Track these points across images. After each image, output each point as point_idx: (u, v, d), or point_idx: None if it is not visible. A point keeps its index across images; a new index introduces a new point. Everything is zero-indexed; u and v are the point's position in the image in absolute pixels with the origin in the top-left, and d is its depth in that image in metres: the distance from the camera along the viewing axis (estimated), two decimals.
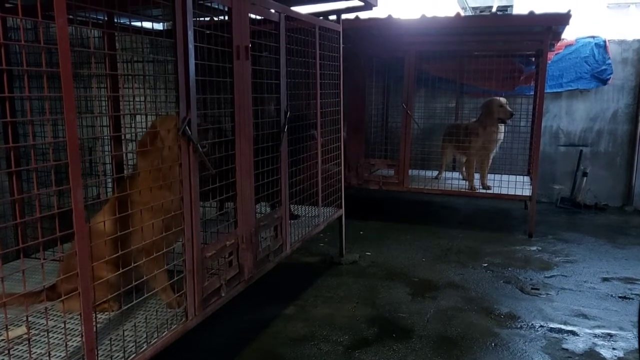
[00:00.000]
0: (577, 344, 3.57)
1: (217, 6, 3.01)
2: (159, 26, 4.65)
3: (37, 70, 1.91)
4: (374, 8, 4.75)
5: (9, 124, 3.19)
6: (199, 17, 2.77)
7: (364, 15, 5.76)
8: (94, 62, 2.39)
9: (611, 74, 7.24)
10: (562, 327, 3.82)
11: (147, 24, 4.16)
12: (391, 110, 7.98)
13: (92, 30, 3.31)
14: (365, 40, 6.41)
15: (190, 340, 3.50)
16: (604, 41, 7.25)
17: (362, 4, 4.59)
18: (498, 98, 6.29)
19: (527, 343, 3.58)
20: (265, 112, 3.67)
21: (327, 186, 4.70)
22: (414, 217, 6.97)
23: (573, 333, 3.73)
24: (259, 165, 3.44)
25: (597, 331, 3.76)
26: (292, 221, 4.20)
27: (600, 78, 7.29)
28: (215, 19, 3.07)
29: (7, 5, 3.22)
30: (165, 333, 2.55)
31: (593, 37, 7.36)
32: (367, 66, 6.73)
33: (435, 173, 7.03)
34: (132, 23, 3.87)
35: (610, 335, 3.70)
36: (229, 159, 3.10)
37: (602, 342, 3.59)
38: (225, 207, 3.94)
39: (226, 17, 3.02)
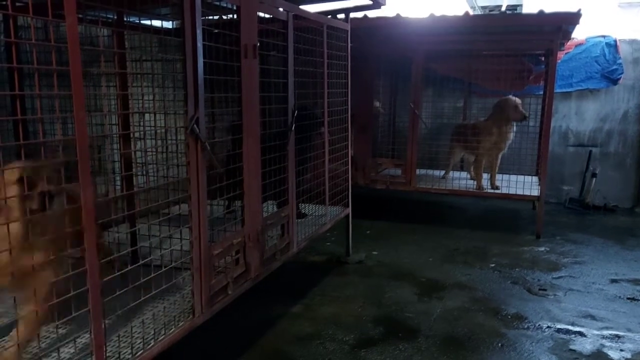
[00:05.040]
0: (585, 345, 3.55)
1: (225, 5, 3.02)
2: (168, 25, 4.67)
3: (47, 68, 1.93)
4: (382, 7, 4.75)
5: (19, 122, 3.21)
6: (208, 16, 2.78)
7: (372, 14, 5.76)
8: (103, 61, 2.41)
9: (622, 73, 7.18)
10: (570, 328, 3.80)
11: (156, 23, 4.19)
12: (399, 110, 7.97)
13: (102, 29, 3.33)
14: (373, 40, 6.40)
15: (197, 338, 3.52)
16: (615, 41, 7.19)
17: (370, 2, 4.58)
18: (513, 98, 6.25)
19: (534, 344, 3.56)
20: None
21: (333, 185, 4.71)
22: (421, 217, 6.96)
23: (580, 334, 3.71)
24: (266, 164, 3.45)
25: (605, 332, 3.74)
26: (299, 220, 4.21)
27: (611, 78, 7.23)
28: (224, 17, 3.08)
29: (17, 4, 3.25)
30: (172, 330, 2.57)
31: (604, 36, 7.29)
32: (375, 65, 6.72)
33: (442, 173, 7.01)
34: (142, 22, 3.90)
35: (618, 336, 3.68)
36: (236, 158, 3.11)
37: (609, 344, 3.57)
38: (233, 206, 3.95)
39: (235, 16, 3.03)
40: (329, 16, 4.61)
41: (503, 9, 13.78)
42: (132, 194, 3.29)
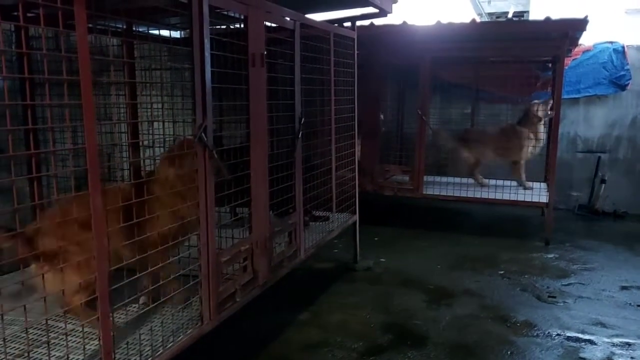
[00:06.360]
0: (595, 353, 3.52)
1: (233, 14, 3.05)
2: (176, 34, 4.71)
3: (58, 78, 1.96)
4: (388, 15, 4.77)
5: (30, 131, 3.26)
6: (216, 25, 2.80)
7: (378, 22, 5.78)
8: (113, 70, 2.44)
9: (630, 79, 7.15)
10: (580, 335, 3.77)
11: (165, 32, 4.23)
12: (406, 116, 7.96)
13: (112, 39, 3.37)
14: (380, 47, 6.42)
15: (205, 345, 3.52)
16: (623, 46, 7.17)
17: (376, 10, 4.61)
18: (537, 101, 6.44)
19: (543, 352, 3.54)
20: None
21: (341, 192, 4.71)
22: (429, 224, 6.94)
23: (591, 342, 3.68)
24: (273, 172, 3.47)
25: (616, 340, 3.70)
26: (317, 223, 4.35)
27: (619, 84, 7.21)
28: (232, 27, 3.11)
29: (29, 14, 3.30)
30: (180, 337, 2.58)
31: (611, 42, 7.27)
32: (382, 72, 6.73)
33: (449, 179, 6.95)
34: (151, 31, 3.94)
35: (629, 344, 3.64)
36: (243, 165, 3.12)
37: (620, 351, 3.54)
38: (240, 213, 3.96)
39: (242, 25, 3.06)
40: (336, 24, 4.64)
41: (510, 15, 13.74)
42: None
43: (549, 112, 6.31)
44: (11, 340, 2.47)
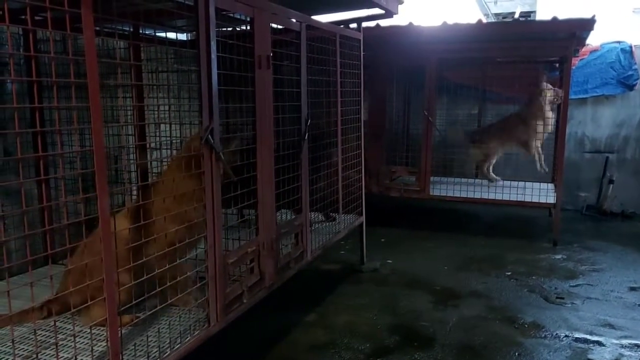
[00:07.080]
0: (604, 355, 3.50)
1: (239, 16, 3.06)
2: (183, 37, 4.73)
3: (66, 81, 1.97)
4: (394, 16, 4.77)
5: (38, 134, 3.28)
6: (222, 28, 2.81)
7: (384, 23, 5.77)
8: (120, 73, 2.45)
9: (637, 79, 7.10)
10: (588, 337, 3.75)
11: (172, 35, 4.25)
12: (412, 117, 7.94)
13: (119, 42, 3.39)
14: (386, 48, 6.41)
15: (212, 346, 3.53)
16: (630, 46, 7.12)
17: (382, 12, 4.61)
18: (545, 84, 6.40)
19: (551, 353, 3.52)
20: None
21: (347, 193, 4.71)
22: (435, 225, 6.92)
23: (599, 343, 3.65)
24: (280, 173, 3.47)
25: (624, 342, 3.68)
26: (324, 224, 4.39)
27: (627, 84, 7.16)
28: (238, 29, 3.12)
29: (36, 18, 3.33)
30: (188, 339, 2.58)
31: (619, 42, 7.23)
32: (388, 74, 6.72)
33: (455, 179, 6.93)
34: (157, 34, 3.96)
35: (638, 345, 3.62)
36: (249, 167, 3.13)
37: (629, 353, 3.51)
38: (247, 215, 3.97)
39: (248, 27, 3.07)
40: (342, 26, 4.64)
41: (516, 16, 13.69)
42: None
43: (558, 98, 6.28)
44: (20, 341, 2.49)
